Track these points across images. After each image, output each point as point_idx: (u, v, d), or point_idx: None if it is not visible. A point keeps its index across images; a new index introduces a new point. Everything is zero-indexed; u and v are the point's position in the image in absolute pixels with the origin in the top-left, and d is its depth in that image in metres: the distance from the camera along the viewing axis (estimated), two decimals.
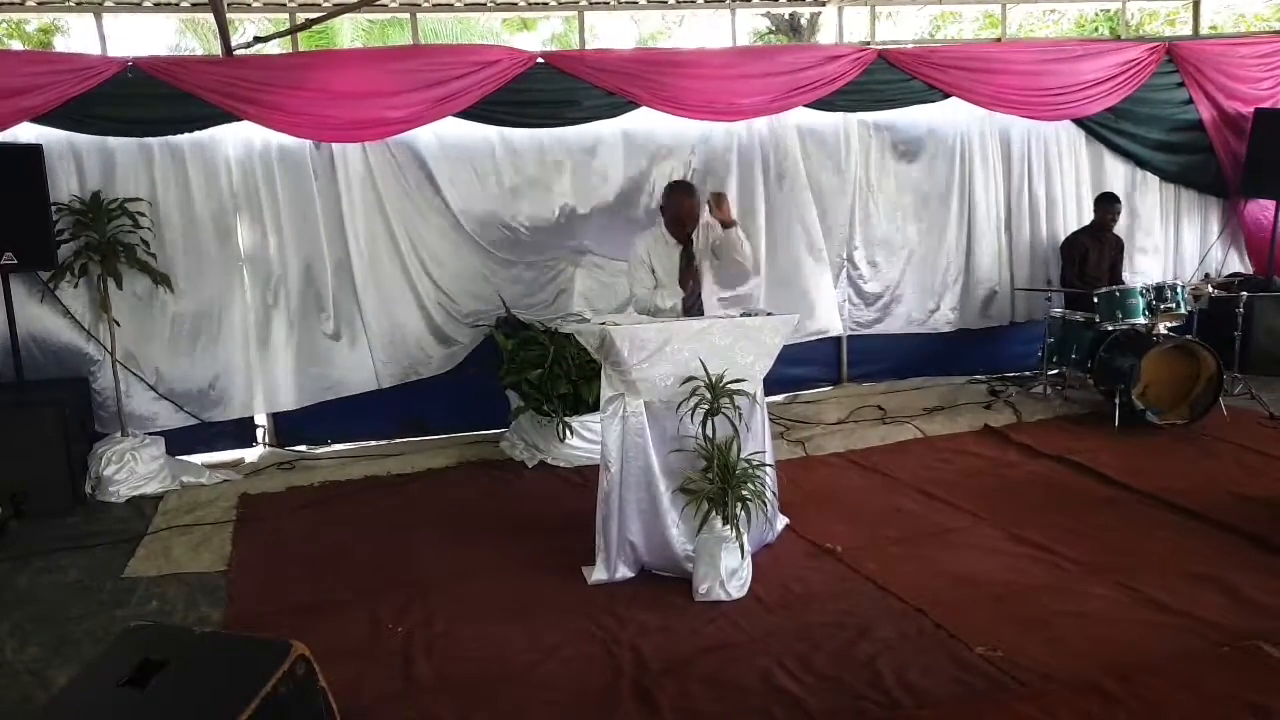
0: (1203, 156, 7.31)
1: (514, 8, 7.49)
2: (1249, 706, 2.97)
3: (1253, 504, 4.64)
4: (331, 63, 5.76)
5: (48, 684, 3.41)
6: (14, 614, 4.00)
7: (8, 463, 4.95)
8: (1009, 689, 3.15)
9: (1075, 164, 7.25)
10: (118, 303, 5.51)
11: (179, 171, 5.67)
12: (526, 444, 5.81)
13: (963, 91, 6.67)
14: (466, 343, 6.26)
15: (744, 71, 6.24)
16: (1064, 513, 4.66)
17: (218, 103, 5.43)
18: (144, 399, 5.77)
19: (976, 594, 3.84)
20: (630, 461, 4.04)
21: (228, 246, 5.83)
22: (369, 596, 4.02)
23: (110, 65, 5.31)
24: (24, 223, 5.09)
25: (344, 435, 6.27)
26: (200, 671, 2.36)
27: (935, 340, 7.23)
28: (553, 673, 3.40)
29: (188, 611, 4.02)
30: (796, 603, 3.84)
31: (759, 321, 4.20)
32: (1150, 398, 5.93)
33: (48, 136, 5.33)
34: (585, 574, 4.12)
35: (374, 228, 6.02)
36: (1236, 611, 3.61)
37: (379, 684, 3.36)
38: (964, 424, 6.17)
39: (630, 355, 3.92)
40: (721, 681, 3.28)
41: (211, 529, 4.87)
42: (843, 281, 6.97)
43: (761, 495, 4.01)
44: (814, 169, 6.74)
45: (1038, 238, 7.26)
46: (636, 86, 6.06)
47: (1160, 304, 5.95)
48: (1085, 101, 6.87)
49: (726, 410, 3.95)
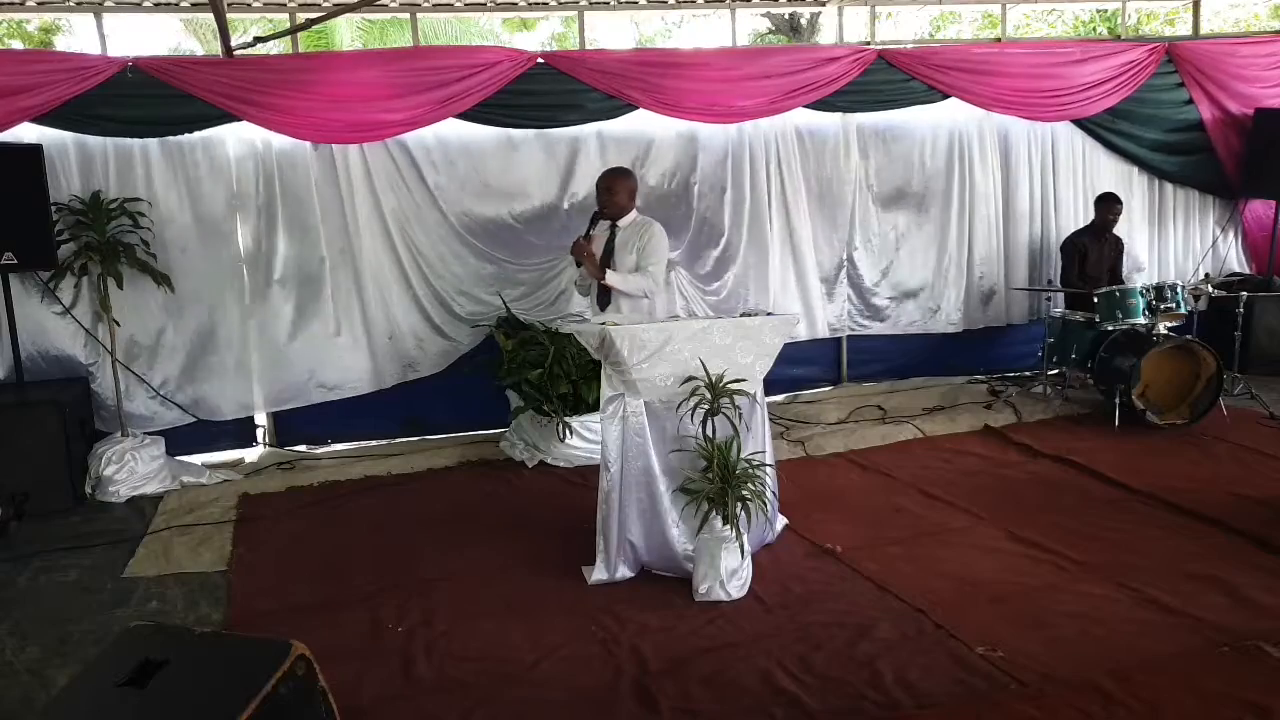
0: (1203, 156, 7.30)
1: (514, 8, 7.49)
2: (1249, 706, 2.97)
3: (1253, 504, 4.65)
4: (333, 66, 5.75)
5: (48, 684, 3.41)
6: (14, 614, 4.00)
7: (8, 463, 4.95)
8: (1009, 689, 3.15)
9: (1073, 164, 7.24)
10: (118, 303, 5.51)
11: (179, 171, 5.67)
12: (526, 444, 5.81)
13: (962, 92, 6.67)
14: (467, 342, 6.26)
15: (743, 73, 6.23)
16: (1064, 513, 4.66)
17: (218, 104, 5.43)
18: (144, 399, 5.77)
19: (976, 594, 3.84)
20: (630, 461, 4.04)
21: (228, 246, 5.83)
22: (369, 596, 4.03)
23: (110, 65, 5.30)
24: (24, 223, 5.08)
25: (344, 435, 6.27)
26: (200, 671, 2.36)
27: (935, 340, 7.23)
28: (553, 672, 3.40)
29: (188, 611, 4.01)
30: (796, 603, 3.84)
31: (759, 321, 4.20)
32: (1150, 398, 5.93)
33: (48, 136, 5.33)
34: (585, 574, 4.12)
35: (374, 228, 6.01)
36: (1236, 611, 3.61)
37: (379, 684, 3.36)
38: (964, 424, 6.18)
39: (630, 355, 3.92)
40: (721, 681, 3.29)
41: (211, 529, 4.87)
42: (843, 281, 6.98)
43: (761, 495, 4.01)
44: (813, 169, 6.74)
45: (1036, 237, 7.27)
46: (635, 89, 6.06)
47: (1160, 304, 5.95)
48: (1085, 102, 6.87)
49: (726, 410, 3.95)
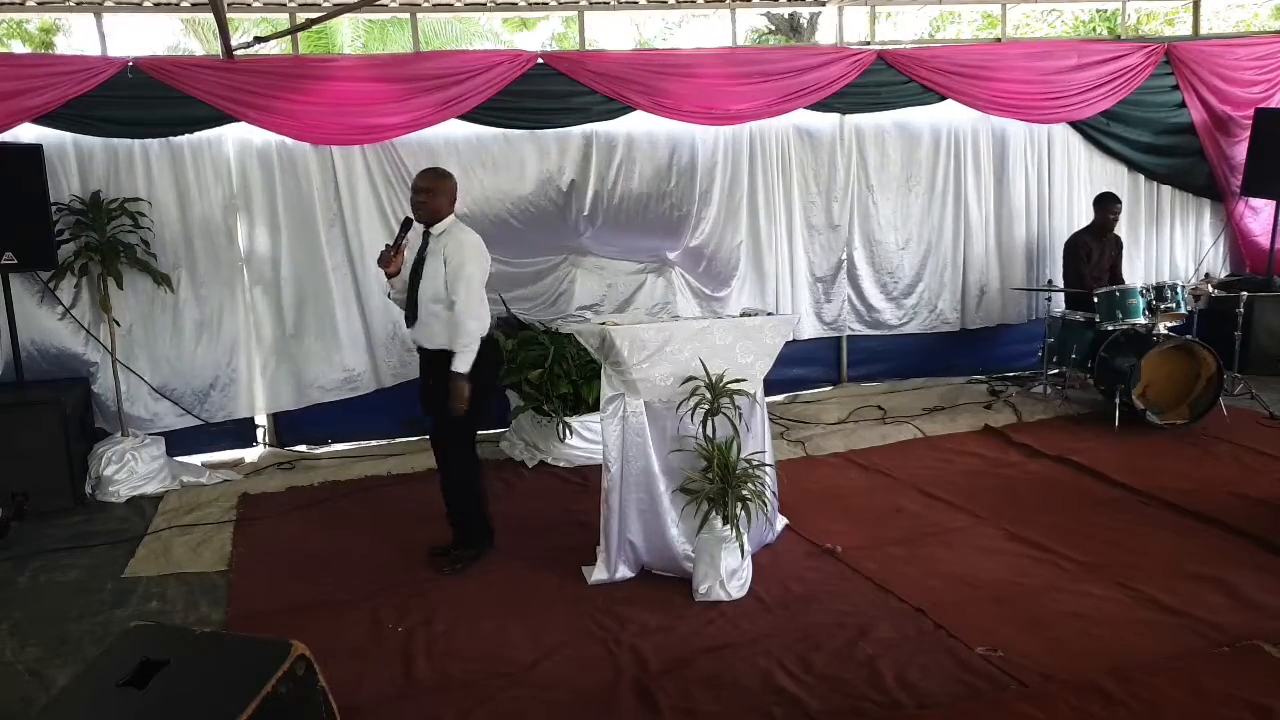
0: (1193, 159, 7.32)
1: (514, 8, 7.48)
2: (1249, 706, 2.97)
3: (1253, 504, 4.65)
4: (333, 70, 5.74)
5: (48, 684, 3.42)
6: (14, 614, 4.00)
7: (8, 463, 4.96)
8: (1009, 689, 3.16)
9: (1068, 164, 7.24)
10: (118, 303, 5.51)
11: (179, 171, 5.67)
12: (526, 444, 5.80)
13: (959, 95, 6.67)
14: None
15: (742, 75, 6.24)
16: (1064, 513, 4.66)
17: (219, 106, 5.44)
18: (144, 399, 5.77)
19: (976, 594, 3.84)
20: (630, 461, 4.04)
21: (228, 246, 5.83)
22: (369, 596, 4.03)
23: (110, 66, 5.30)
24: (24, 223, 5.08)
25: (344, 435, 6.27)
26: (200, 671, 2.36)
27: (935, 340, 7.23)
28: (553, 672, 3.40)
29: (188, 611, 4.02)
30: (796, 603, 3.85)
31: (759, 321, 4.21)
32: (1150, 398, 5.92)
33: (48, 137, 5.33)
34: (585, 574, 4.12)
35: (374, 227, 6.00)
36: (1236, 611, 3.62)
37: (379, 684, 3.36)
38: (964, 424, 6.17)
39: (630, 355, 3.92)
40: (721, 681, 3.29)
41: (211, 529, 4.87)
42: (841, 281, 6.98)
43: (761, 495, 4.01)
44: (811, 168, 6.75)
45: (1032, 237, 7.27)
46: (634, 92, 6.06)
47: (1160, 304, 5.95)
48: (1081, 105, 6.88)
49: (726, 410, 3.95)
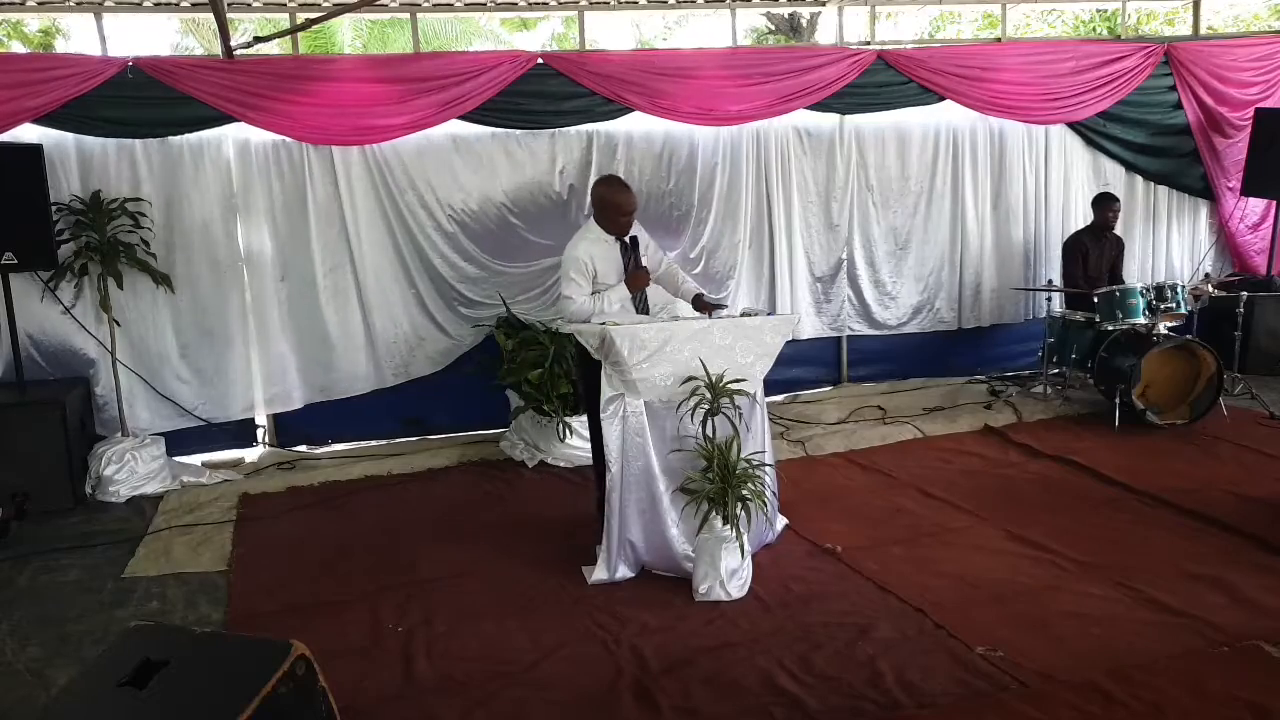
0: (1187, 159, 7.33)
1: (514, 8, 7.49)
2: (1249, 706, 2.97)
3: (1253, 504, 4.65)
4: (334, 71, 5.74)
5: (48, 684, 3.41)
6: (14, 614, 4.00)
7: (8, 463, 4.96)
8: (1009, 689, 3.15)
9: (1065, 164, 7.24)
10: (118, 303, 5.52)
11: (179, 171, 5.66)
12: (526, 444, 5.81)
13: (959, 95, 6.67)
14: (468, 341, 6.25)
15: (742, 76, 6.23)
16: (1064, 513, 4.66)
17: (219, 106, 5.44)
18: (144, 399, 5.76)
19: (976, 594, 3.84)
20: (630, 461, 4.04)
21: (228, 246, 5.83)
22: (369, 596, 4.03)
23: (110, 66, 5.30)
24: (24, 223, 5.08)
25: (344, 435, 6.27)
26: (200, 671, 2.36)
27: (935, 340, 7.23)
28: (553, 672, 3.40)
29: (188, 611, 4.01)
30: (796, 603, 3.85)
31: (759, 321, 4.21)
32: (1150, 398, 5.93)
33: (48, 137, 5.33)
34: (585, 574, 4.12)
35: (373, 227, 6.01)
36: (1236, 611, 3.62)
37: (379, 684, 3.36)
38: (964, 424, 6.17)
39: (630, 355, 3.92)
40: (721, 681, 3.29)
41: (211, 529, 4.87)
42: (841, 281, 6.98)
43: (761, 495, 4.01)
44: (810, 168, 6.74)
45: (1030, 237, 7.27)
46: (632, 93, 6.06)
47: (1160, 304, 5.95)
48: (1079, 106, 6.88)
49: (726, 410, 3.95)
